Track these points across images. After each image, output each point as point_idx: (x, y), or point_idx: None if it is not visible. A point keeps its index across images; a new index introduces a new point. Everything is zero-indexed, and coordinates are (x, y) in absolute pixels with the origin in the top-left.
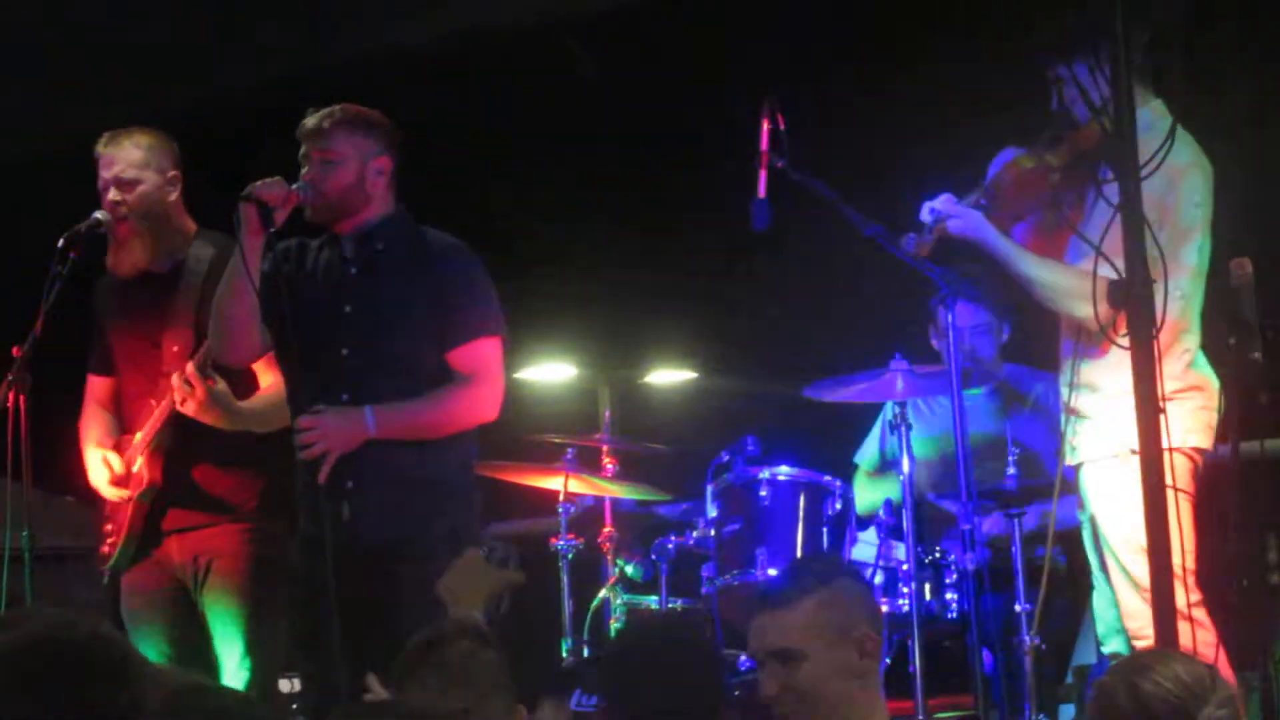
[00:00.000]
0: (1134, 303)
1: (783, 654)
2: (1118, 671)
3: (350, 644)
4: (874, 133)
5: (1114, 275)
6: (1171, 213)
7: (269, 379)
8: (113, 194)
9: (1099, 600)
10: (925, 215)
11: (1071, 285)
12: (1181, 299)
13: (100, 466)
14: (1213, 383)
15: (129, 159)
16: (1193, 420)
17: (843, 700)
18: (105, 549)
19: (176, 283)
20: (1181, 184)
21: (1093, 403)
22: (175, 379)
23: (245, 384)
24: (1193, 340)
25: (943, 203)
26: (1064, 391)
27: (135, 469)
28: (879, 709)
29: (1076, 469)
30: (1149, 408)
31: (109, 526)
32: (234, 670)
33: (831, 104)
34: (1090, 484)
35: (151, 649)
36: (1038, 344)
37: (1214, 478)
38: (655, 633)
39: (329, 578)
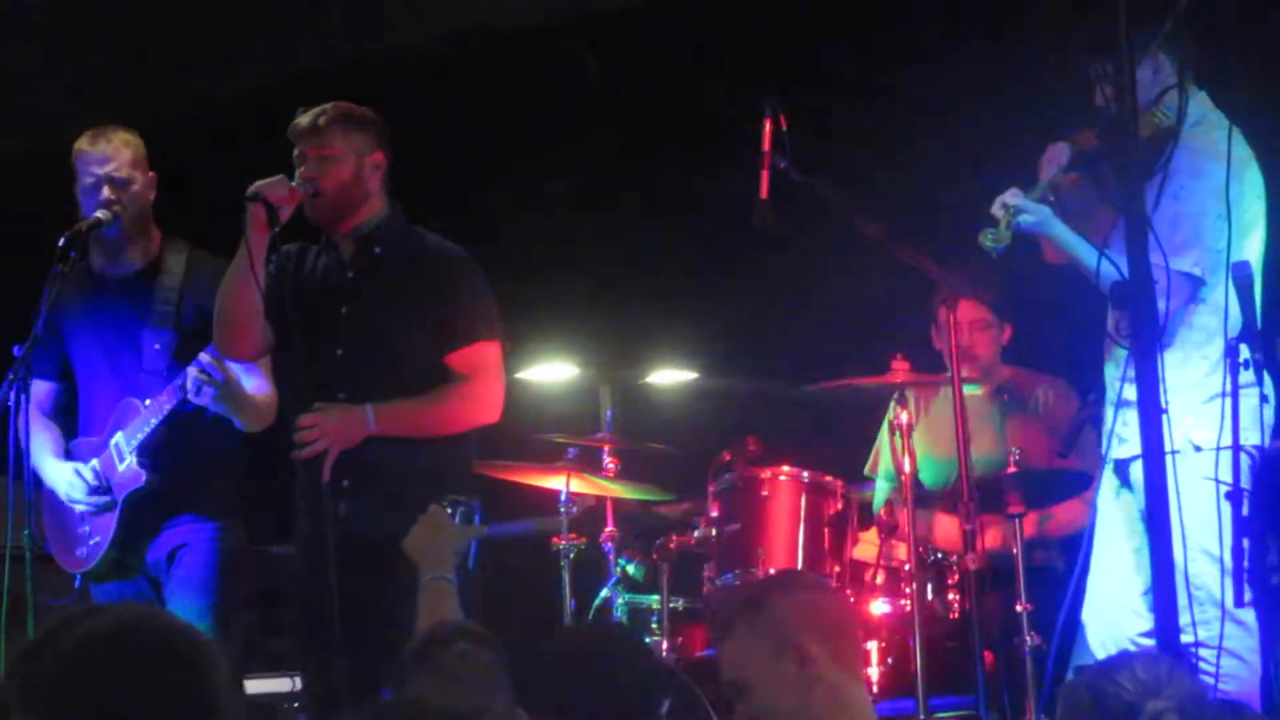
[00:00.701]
0: (1136, 303)
1: (731, 687)
2: (1084, 673)
3: (350, 642)
4: (875, 133)
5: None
6: (1236, 206)
7: (251, 382)
8: (108, 192)
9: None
10: (997, 209)
11: None
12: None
13: (74, 480)
14: (1268, 379)
15: (122, 158)
16: (1252, 419)
17: (799, 716)
18: (83, 551)
19: (154, 283)
20: (1245, 175)
21: None
22: (192, 370)
23: None
24: None
25: (1012, 196)
26: (1113, 384)
27: (122, 469)
28: (855, 713)
29: (1128, 462)
30: (1151, 408)
31: (84, 529)
32: None
33: (833, 104)
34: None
35: None
36: (1040, 346)
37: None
38: (587, 643)
39: (330, 576)
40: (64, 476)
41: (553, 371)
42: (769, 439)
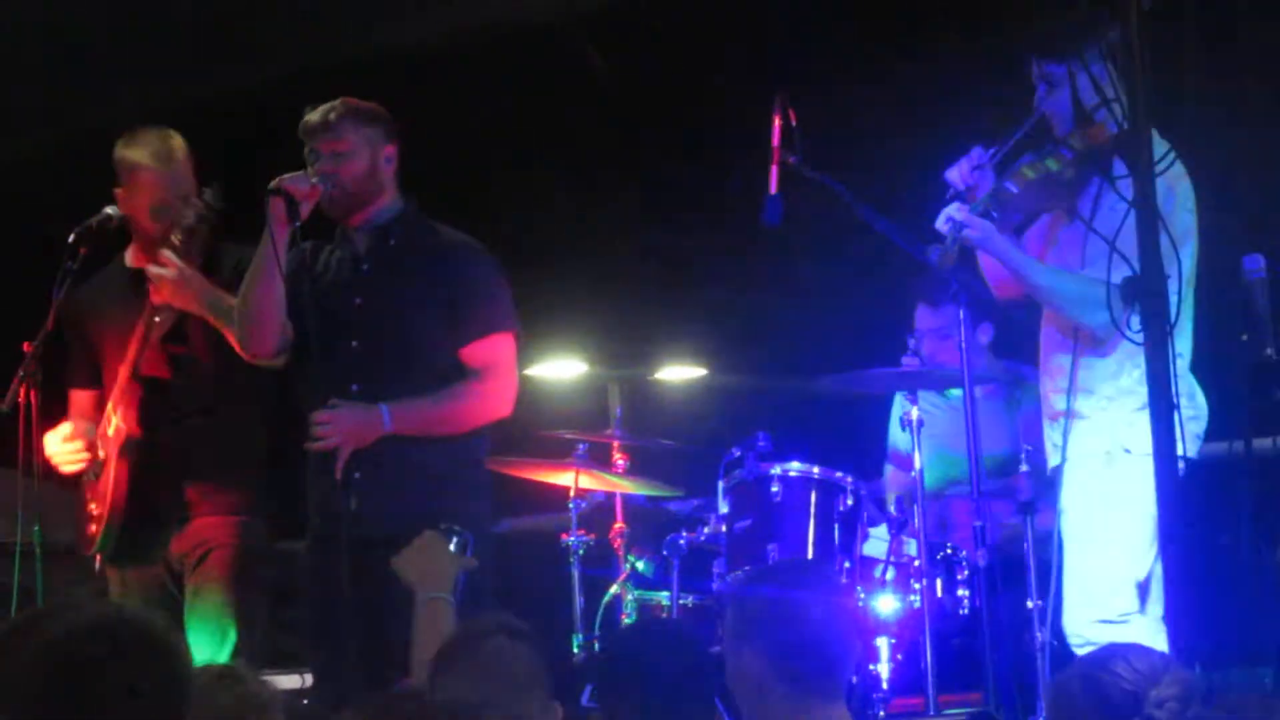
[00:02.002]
0: (1149, 298)
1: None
2: (1076, 667)
3: (360, 637)
4: (884, 128)
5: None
6: (1170, 219)
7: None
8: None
9: None
10: (942, 225)
11: (1082, 292)
12: (1178, 303)
13: (57, 432)
14: (1199, 393)
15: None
16: (1182, 430)
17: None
18: (92, 529)
19: None
20: (1177, 191)
21: (1086, 405)
22: (150, 269)
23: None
24: (1185, 346)
25: (956, 211)
26: (1052, 397)
27: (112, 429)
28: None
29: (1059, 468)
30: (1163, 404)
31: (93, 506)
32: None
33: (842, 99)
34: (1071, 482)
35: None
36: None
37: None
38: (646, 636)
39: (342, 573)
40: (55, 435)
41: (561, 368)
42: (779, 435)
